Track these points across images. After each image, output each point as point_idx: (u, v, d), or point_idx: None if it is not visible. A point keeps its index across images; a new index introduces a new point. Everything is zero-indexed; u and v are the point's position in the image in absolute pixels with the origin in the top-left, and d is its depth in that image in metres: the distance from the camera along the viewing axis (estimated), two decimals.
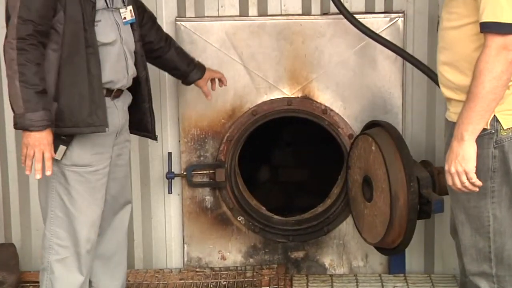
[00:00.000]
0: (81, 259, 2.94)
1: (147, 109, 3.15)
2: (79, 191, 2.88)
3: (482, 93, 2.40)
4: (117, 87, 2.93)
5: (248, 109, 3.80)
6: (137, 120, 3.15)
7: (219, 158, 3.81)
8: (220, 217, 3.90)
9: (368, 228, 3.55)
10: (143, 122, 3.17)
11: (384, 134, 3.46)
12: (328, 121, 3.79)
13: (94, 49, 2.78)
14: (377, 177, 3.38)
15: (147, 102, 3.15)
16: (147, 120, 3.16)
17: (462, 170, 2.46)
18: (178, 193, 3.90)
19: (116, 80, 2.90)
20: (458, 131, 2.47)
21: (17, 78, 2.63)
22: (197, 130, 3.81)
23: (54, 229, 2.91)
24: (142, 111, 3.14)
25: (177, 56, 3.32)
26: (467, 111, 2.44)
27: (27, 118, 2.65)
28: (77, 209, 2.89)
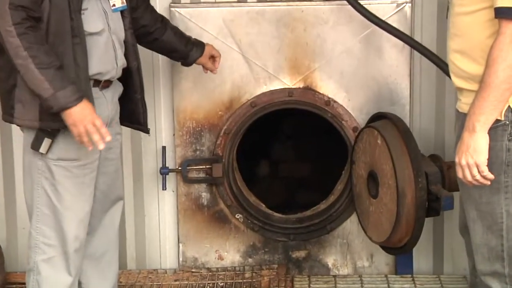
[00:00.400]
0: (69, 258, 2.93)
1: (138, 100, 3.14)
2: (66, 187, 2.87)
3: (496, 82, 2.39)
4: (105, 79, 2.92)
5: (246, 100, 3.79)
6: (128, 112, 3.14)
7: (216, 152, 3.80)
8: (217, 214, 3.89)
9: (373, 226, 3.54)
10: (134, 114, 3.16)
11: (391, 126, 3.45)
12: (331, 113, 3.78)
13: (81, 38, 2.76)
14: (383, 173, 3.38)
15: (139, 93, 3.13)
16: (139, 112, 3.15)
17: (473, 162, 2.45)
18: (173, 190, 3.90)
19: (104, 71, 2.89)
20: (470, 121, 2.46)
21: (31, 63, 2.61)
22: (192, 122, 3.81)
23: (40, 227, 2.90)
24: (134, 103, 3.13)
25: (175, 37, 3.31)
26: (479, 101, 2.44)
27: (60, 97, 2.63)
28: (64, 206, 2.88)
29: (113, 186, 3.15)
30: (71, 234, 2.92)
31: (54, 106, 2.66)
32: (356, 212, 3.78)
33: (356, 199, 3.74)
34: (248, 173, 4.61)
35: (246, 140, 4.03)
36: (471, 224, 2.67)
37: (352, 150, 3.73)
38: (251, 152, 4.80)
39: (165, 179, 3.79)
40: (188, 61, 3.39)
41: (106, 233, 3.17)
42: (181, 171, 3.80)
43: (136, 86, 3.12)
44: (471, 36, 2.52)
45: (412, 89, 3.79)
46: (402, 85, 3.76)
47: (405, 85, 3.76)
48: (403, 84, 3.76)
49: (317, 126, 4.23)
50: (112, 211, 3.17)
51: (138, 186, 3.92)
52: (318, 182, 4.79)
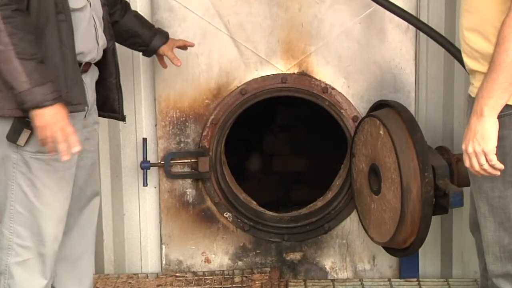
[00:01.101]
0: (46, 260, 2.92)
1: (113, 85, 3.13)
2: (45, 182, 2.86)
3: (506, 62, 2.39)
4: (86, 60, 2.91)
5: (236, 87, 3.79)
6: (102, 99, 3.13)
7: (203, 144, 3.80)
8: (203, 213, 3.89)
9: (375, 225, 3.55)
10: (109, 101, 3.14)
11: (394, 116, 3.45)
12: (329, 101, 3.78)
13: (66, 15, 2.75)
14: (386, 166, 3.38)
15: (114, 77, 3.12)
16: (114, 98, 3.14)
17: (481, 150, 2.45)
18: (155, 186, 3.90)
19: (86, 51, 2.88)
20: (478, 105, 2.45)
21: (12, 51, 2.58)
22: (176, 112, 3.80)
23: (14, 226, 2.88)
24: (108, 88, 3.12)
25: (136, 20, 3.30)
26: (488, 83, 2.43)
27: (37, 93, 2.61)
28: (43, 203, 2.87)
29: (89, 180, 3.14)
30: (50, 234, 2.90)
31: (27, 102, 2.63)
32: (356, 210, 3.79)
33: (356, 195, 3.74)
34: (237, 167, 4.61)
35: (235, 131, 4.02)
36: (482, 220, 2.67)
37: (352, 142, 3.73)
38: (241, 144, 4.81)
39: (146, 174, 3.78)
40: (150, 49, 3.36)
41: (83, 233, 3.17)
42: (163, 166, 3.79)
43: (111, 69, 3.11)
44: (483, 12, 2.50)
45: (418, 74, 3.79)
46: (407, 70, 3.76)
47: (410, 70, 3.76)
48: (408, 69, 3.76)
49: (314, 115, 4.23)
50: (89, 209, 3.17)
51: (117, 182, 3.91)
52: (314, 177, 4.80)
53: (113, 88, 3.13)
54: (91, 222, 3.20)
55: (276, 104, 4.74)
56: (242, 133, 4.59)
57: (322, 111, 3.83)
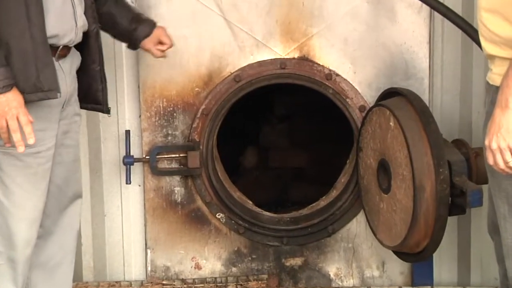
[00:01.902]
0: (17, 267, 2.92)
1: (97, 73, 3.12)
2: (16, 180, 2.86)
3: None
4: (63, 43, 2.89)
5: (229, 73, 3.78)
6: (83, 88, 3.11)
7: (192, 137, 3.80)
8: (193, 214, 3.89)
9: (385, 227, 3.56)
10: (91, 91, 3.13)
11: (406, 105, 3.45)
12: (333, 89, 3.78)
13: None
14: (397, 162, 3.39)
15: (98, 63, 3.11)
16: (97, 88, 3.13)
17: (506, 145, 2.45)
18: (139, 184, 3.90)
19: (61, 33, 2.87)
20: (502, 96, 2.45)
21: None
22: (163, 101, 3.80)
23: None
24: (91, 76, 3.11)
25: (116, 8, 3.26)
26: None
27: None
28: (14, 203, 2.87)
29: (70, 179, 3.13)
30: (22, 237, 2.90)
31: None
32: (363, 210, 3.79)
33: (363, 194, 3.74)
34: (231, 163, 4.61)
35: (228, 122, 4.02)
36: (502, 221, 2.67)
37: (358, 135, 3.73)
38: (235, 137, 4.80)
39: (130, 171, 3.78)
40: (134, 39, 3.32)
41: (63, 238, 3.16)
42: (149, 161, 3.79)
43: (94, 55, 3.09)
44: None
45: (432, 59, 3.79)
46: (420, 54, 3.76)
47: (423, 54, 3.76)
48: (421, 53, 3.76)
49: (316, 105, 4.23)
50: (70, 211, 3.16)
51: (96, 179, 3.91)
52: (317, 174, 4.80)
53: (96, 76, 3.12)
54: (73, 226, 3.19)
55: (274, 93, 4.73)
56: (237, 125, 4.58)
57: (325, 100, 3.83)
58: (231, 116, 3.98)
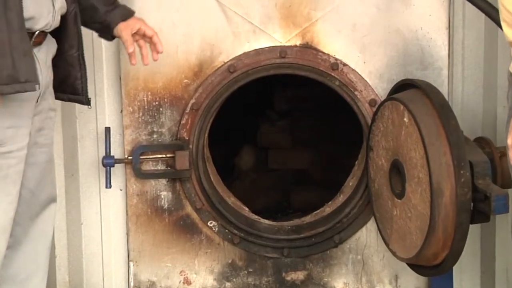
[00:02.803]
0: None
1: (75, 60, 3.12)
2: None
3: None
4: (39, 28, 2.89)
5: (222, 63, 3.78)
6: (60, 77, 3.12)
7: (181, 135, 3.80)
8: (182, 222, 3.89)
9: (398, 236, 3.56)
10: (69, 79, 3.14)
11: (422, 99, 3.45)
12: (340, 80, 3.78)
13: None
14: (412, 162, 3.38)
15: (76, 49, 3.12)
16: (75, 76, 3.14)
17: None
18: (121, 188, 3.90)
19: (38, 16, 2.87)
20: None
21: None
22: (147, 94, 3.80)
23: None
24: (68, 62, 3.11)
25: None
26: None
27: None
28: None
29: (43, 182, 3.13)
30: None
31: None
32: (374, 218, 3.79)
33: (374, 199, 3.75)
34: (225, 164, 4.60)
35: (222, 118, 4.02)
36: None
37: (368, 132, 3.73)
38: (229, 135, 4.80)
39: (110, 173, 3.77)
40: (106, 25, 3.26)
41: (35, 248, 3.15)
42: (131, 162, 3.79)
43: (72, 39, 3.10)
44: None
45: (452, 46, 3.80)
46: (438, 41, 3.77)
47: (441, 42, 3.77)
48: (439, 40, 3.77)
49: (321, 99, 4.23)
50: (43, 218, 3.15)
51: (72, 183, 3.91)
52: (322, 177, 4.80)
53: (74, 63, 3.12)
54: (45, 235, 3.18)
55: (273, 85, 4.73)
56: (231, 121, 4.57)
57: (331, 93, 3.83)
58: (224, 111, 3.97)
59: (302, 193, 4.78)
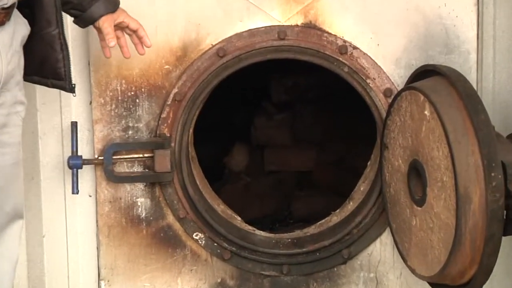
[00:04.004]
0: None
1: (55, 38, 3.13)
2: None
3: None
4: None
5: (210, 46, 3.78)
6: (37, 60, 3.13)
7: (161, 131, 3.80)
8: (162, 233, 3.90)
9: (418, 250, 3.56)
10: (48, 62, 3.16)
11: (446, 88, 3.45)
12: (350, 66, 3.78)
13: None
14: (434, 163, 3.38)
15: (55, 26, 3.12)
16: (56, 58, 3.16)
17: None
18: (90, 194, 3.91)
19: None
20: None
21: None
22: (121, 83, 3.79)
23: None
24: (47, 42, 3.12)
25: None
26: None
27: None
28: None
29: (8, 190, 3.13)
30: None
31: None
32: (390, 229, 3.80)
33: (390, 207, 3.75)
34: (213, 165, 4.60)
35: (210, 111, 4.02)
36: None
37: (383, 128, 3.73)
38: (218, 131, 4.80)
39: (77, 176, 3.77)
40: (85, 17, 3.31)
41: None
42: (103, 163, 3.79)
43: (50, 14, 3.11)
44: None
45: (481, 27, 3.80)
46: (464, 20, 3.78)
47: (469, 21, 3.78)
48: (466, 19, 3.78)
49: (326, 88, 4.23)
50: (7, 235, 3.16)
51: (32, 188, 3.90)
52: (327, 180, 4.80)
53: (54, 42, 3.13)
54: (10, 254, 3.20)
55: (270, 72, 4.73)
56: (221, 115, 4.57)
57: (338, 81, 3.83)
58: (213, 103, 3.97)
59: (305, 200, 4.78)
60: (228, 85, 3.89)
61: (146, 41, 3.39)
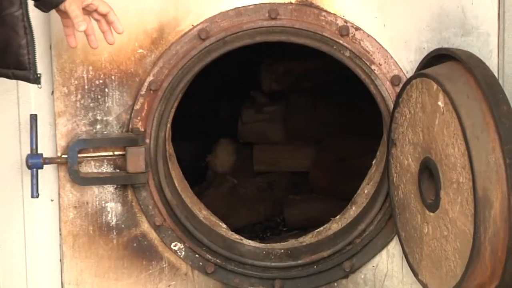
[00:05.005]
0: None
1: (18, 21, 3.14)
2: None
3: None
4: None
5: (191, 27, 3.79)
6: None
7: (134, 126, 3.80)
8: (136, 243, 3.91)
9: (431, 262, 3.57)
10: (11, 48, 3.17)
11: (463, 75, 3.46)
12: (352, 50, 3.79)
13: None
14: (449, 162, 3.39)
15: (18, 6, 3.13)
16: (19, 44, 3.17)
17: None
18: (52, 198, 3.91)
19: None
20: None
21: None
22: (88, 69, 3.80)
23: None
24: (9, 25, 3.14)
25: None
26: None
27: None
28: None
29: None
30: None
31: None
32: (398, 238, 3.81)
33: (398, 212, 3.76)
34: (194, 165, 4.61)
35: (190, 103, 4.02)
36: None
37: (390, 121, 3.74)
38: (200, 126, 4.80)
39: (37, 178, 3.77)
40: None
41: None
42: (67, 162, 3.79)
43: None
44: None
45: (504, 4, 3.80)
46: None
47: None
48: None
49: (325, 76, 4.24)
50: None
51: None
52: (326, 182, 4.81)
53: (17, 25, 3.14)
54: None
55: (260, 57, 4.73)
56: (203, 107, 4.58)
57: (339, 67, 3.84)
58: (193, 93, 3.98)
59: (300, 205, 4.79)
60: (211, 72, 3.89)
61: (117, 26, 3.36)
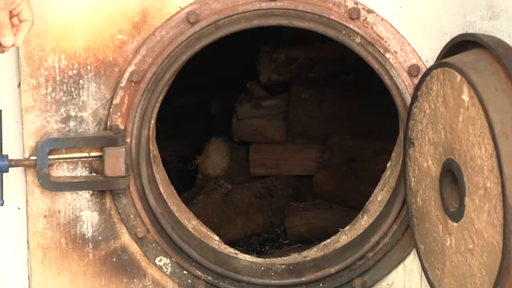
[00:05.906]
0: None
1: None
2: None
3: None
4: None
5: (178, 9, 3.79)
6: None
7: (113, 123, 3.80)
8: (115, 258, 3.91)
9: (454, 279, 3.57)
10: None
11: (491, 65, 3.46)
12: (363, 36, 3.79)
13: None
14: (475, 165, 3.39)
15: None
16: None
17: None
18: (19, 206, 3.91)
19: None
20: None
21: None
22: (60, 58, 3.80)
23: None
24: None
25: None
26: None
27: None
28: None
29: None
30: None
31: None
32: (416, 251, 3.81)
33: (417, 222, 3.76)
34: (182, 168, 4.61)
35: (177, 97, 4.01)
36: None
37: (407, 118, 3.74)
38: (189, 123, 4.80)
39: (1, 182, 3.76)
40: None
41: None
42: (36, 165, 3.79)
43: None
44: None
45: None
46: None
47: None
48: None
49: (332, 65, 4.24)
50: None
51: None
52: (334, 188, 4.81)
53: None
54: None
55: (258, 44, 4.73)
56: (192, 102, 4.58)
57: (349, 56, 3.83)
58: (181, 85, 3.97)
59: (304, 214, 4.79)
60: (202, 62, 3.88)
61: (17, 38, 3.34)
